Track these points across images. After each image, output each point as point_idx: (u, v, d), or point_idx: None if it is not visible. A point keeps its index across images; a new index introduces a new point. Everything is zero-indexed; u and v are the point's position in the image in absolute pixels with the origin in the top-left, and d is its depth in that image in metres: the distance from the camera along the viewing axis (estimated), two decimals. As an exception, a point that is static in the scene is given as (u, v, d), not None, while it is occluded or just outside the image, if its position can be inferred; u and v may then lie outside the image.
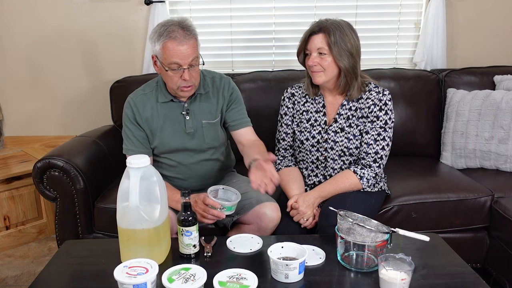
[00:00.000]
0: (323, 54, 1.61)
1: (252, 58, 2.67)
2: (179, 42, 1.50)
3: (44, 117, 2.77)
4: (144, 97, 1.68)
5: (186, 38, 1.50)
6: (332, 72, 1.64)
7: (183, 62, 1.51)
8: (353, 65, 1.63)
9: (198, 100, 1.68)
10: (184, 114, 1.67)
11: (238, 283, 1.12)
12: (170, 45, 1.50)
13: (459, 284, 1.18)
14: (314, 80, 1.67)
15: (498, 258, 1.84)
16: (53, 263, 1.33)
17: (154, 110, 1.67)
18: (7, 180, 2.35)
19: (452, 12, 2.57)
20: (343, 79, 1.65)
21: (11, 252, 2.38)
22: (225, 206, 1.45)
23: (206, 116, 1.69)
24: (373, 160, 1.66)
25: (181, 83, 1.56)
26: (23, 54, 2.67)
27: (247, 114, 1.76)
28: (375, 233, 1.23)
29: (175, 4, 2.59)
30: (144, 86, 1.73)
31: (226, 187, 1.54)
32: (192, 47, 1.52)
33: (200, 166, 1.73)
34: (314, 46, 1.63)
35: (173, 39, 1.49)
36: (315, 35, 1.63)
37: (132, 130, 1.67)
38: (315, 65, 1.63)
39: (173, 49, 1.50)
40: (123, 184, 1.24)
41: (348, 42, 1.60)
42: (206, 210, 1.48)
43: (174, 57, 1.50)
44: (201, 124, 1.68)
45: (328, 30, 1.60)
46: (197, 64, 1.56)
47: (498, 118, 2.07)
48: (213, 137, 1.71)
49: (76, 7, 2.58)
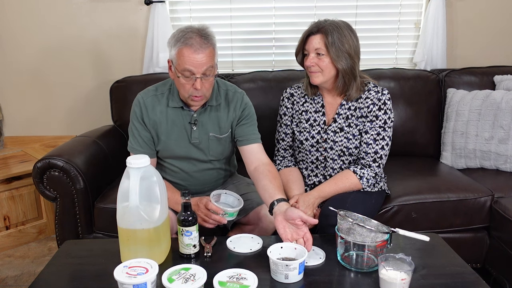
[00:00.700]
0: (321, 55, 1.61)
1: (252, 58, 2.67)
2: (195, 50, 1.44)
3: (44, 117, 2.77)
4: (155, 98, 1.62)
5: (203, 46, 1.45)
6: (329, 73, 1.64)
7: (196, 70, 1.46)
8: (351, 66, 1.62)
9: (208, 111, 1.63)
10: (191, 124, 1.62)
11: (238, 283, 1.12)
12: (185, 52, 1.45)
13: (459, 284, 1.18)
14: (312, 80, 1.66)
15: (498, 258, 1.84)
16: (53, 263, 1.33)
17: (163, 114, 1.62)
18: (7, 180, 2.35)
19: (452, 12, 2.57)
20: (341, 80, 1.65)
21: (11, 252, 2.38)
22: (227, 212, 1.45)
23: (214, 129, 1.64)
24: (372, 160, 1.66)
25: (193, 92, 1.50)
26: (23, 55, 2.67)
27: (257, 130, 1.68)
28: (375, 233, 1.23)
29: (175, 4, 2.59)
30: (157, 86, 1.66)
31: (228, 192, 1.53)
32: (208, 56, 1.46)
33: (202, 174, 1.71)
34: (312, 47, 1.62)
35: (189, 46, 1.44)
36: (313, 35, 1.62)
37: (138, 130, 1.63)
38: (312, 66, 1.63)
39: (188, 56, 1.45)
40: (123, 184, 1.24)
41: (346, 43, 1.59)
42: (208, 215, 1.47)
43: (188, 64, 1.45)
44: (208, 137, 1.64)
45: (326, 31, 1.59)
46: (211, 75, 1.50)
47: (498, 118, 2.07)
48: (218, 151, 1.67)
49: (76, 7, 2.58)
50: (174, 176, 1.72)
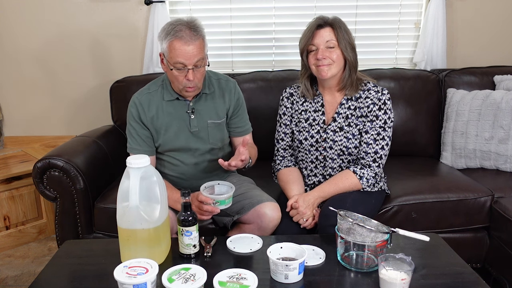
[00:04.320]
0: (331, 48, 1.62)
1: (252, 58, 2.67)
2: (185, 42, 1.50)
3: (44, 117, 2.77)
4: (149, 96, 1.68)
5: (193, 38, 1.51)
6: (340, 65, 1.65)
7: (188, 62, 1.52)
8: (355, 59, 1.66)
9: (203, 99, 1.69)
10: (189, 113, 1.67)
11: (238, 283, 1.12)
12: (176, 45, 1.51)
13: (459, 284, 1.18)
14: (322, 74, 1.63)
15: (498, 258, 1.84)
16: (53, 263, 1.33)
17: (160, 108, 1.67)
18: (7, 180, 2.35)
19: (452, 12, 2.57)
20: (347, 71, 1.66)
21: (11, 252, 2.38)
22: (218, 200, 1.44)
23: (211, 116, 1.69)
24: (372, 159, 1.66)
25: (186, 84, 1.56)
26: (23, 54, 2.67)
27: (248, 118, 1.80)
28: (375, 233, 1.23)
29: (175, 4, 2.59)
30: (149, 85, 1.73)
31: (221, 182, 1.52)
32: (198, 47, 1.52)
33: (202, 166, 1.73)
34: (323, 40, 1.62)
35: (179, 39, 1.50)
36: (322, 29, 1.63)
37: (136, 129, 1.67)
38: (324, 58, 1.61)
39: (179, 48, 1.50)
40: (123, 184, 1.24)
41: (349, 36, 1.64)
42: (200, 207, 1.48)
43: (180, 56, 1.51)
44: (206, 124, 1.69)
45: (333, 24, 1.63)
46: (202, 65, 1.56)
47: (498, 118, 2.07)
48: (217, 138, 1.72)
49: (76, 7, 2.58)
50: (174, 170, 1.73)
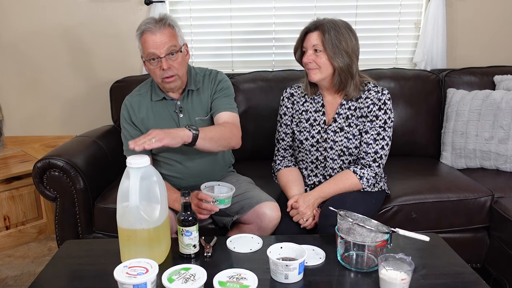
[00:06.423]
0: (318, 52, 1.62)
1: (252, 58, 2.67)
2: (152, 32, 1.55)
3: (44, 117, 2.77)
4: (140, 97, 1.71)
5: (160, 27, 1.55)
6: (327, 70, 1.64)
7: (158, 51, 1.55)
8: (348, 65, 1.62)
9: (190, 97, 1.70)
10: (177, 112, 1.69)
11: (238, 283, 1.12)
12: (145, 37, 1.56)
13: (459, 284, 1.18)
14: (310, 77, 1.67)
15: (498, 258, 1.84)
16: (53, 263, 1.33)
17: (149, 109, 1.69)
18: (7, 180, 2.35)
19: (452, 12, 2.57)
20: (337, 77, 1.65)
21: (11, 252, 2.38)
22: (218, 199, 1.44)
23: (198, 113, 1.71)
24: (372, 159, 1.66)
25: (163, 74, 1.58)
26: (23, 54, 2.67)
27: (234, 104, 1.73)
28: (375, 233, 1.23)
29: (175, 4, 2.59)
30: (140, 87, 1.76)
31: (222, 183, 1.53)
32: (166, 35, 1.55)
33: (197, 164, 1.73)
34: (310, 44, 1.64)
35: (147, 31, 1.56)
36: (311, 32, 1.64)
37: (129, 131, 1.70)
38: (310, 62, 1.64)
39: (148, 40, 1.55)
40: (123, 184, 1.24)
41: (343, 42, 1.60)
42: (198, 205, 1.48)
43: (150, 47, 1.55)
44: (194, 122, 1.69)
45: (324, 29, 1.61)
46: (175, 52, 1.58)
47: (498, 118, 2.07)
48: None
49: (76, 7, 2.58)
50: (171, 169, 1.74)
